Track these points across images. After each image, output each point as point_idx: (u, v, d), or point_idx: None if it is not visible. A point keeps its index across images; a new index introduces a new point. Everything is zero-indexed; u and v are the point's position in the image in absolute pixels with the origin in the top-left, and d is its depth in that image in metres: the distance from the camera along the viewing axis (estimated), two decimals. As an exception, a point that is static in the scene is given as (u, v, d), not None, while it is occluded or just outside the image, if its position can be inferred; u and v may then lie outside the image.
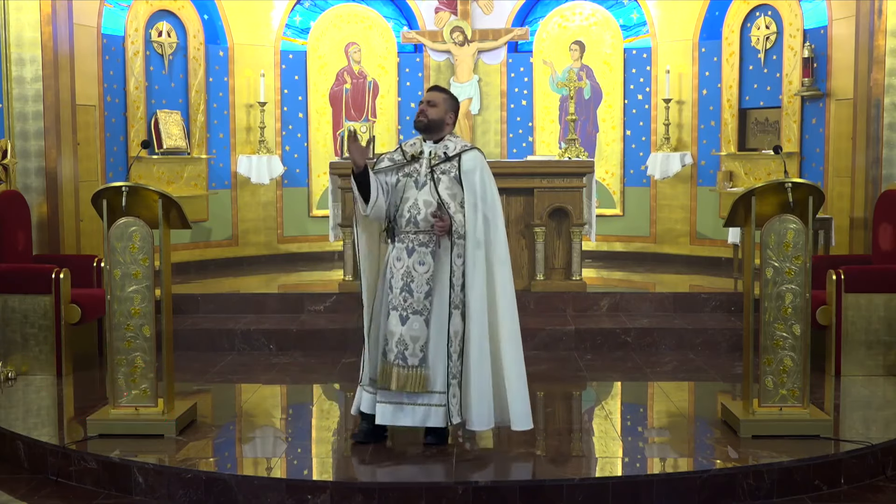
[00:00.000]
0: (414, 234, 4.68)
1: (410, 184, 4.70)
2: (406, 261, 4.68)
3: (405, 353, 4.65)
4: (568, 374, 6.46)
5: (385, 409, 4.69)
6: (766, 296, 4.89)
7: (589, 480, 4.33)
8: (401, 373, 4.64)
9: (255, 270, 9.55)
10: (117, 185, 4.90)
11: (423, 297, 4.66)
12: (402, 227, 4.68)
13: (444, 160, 4.71)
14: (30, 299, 6.42)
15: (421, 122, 4.75)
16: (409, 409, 4.68)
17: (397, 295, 4.67)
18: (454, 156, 4.71)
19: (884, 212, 6.83)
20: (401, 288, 4.67)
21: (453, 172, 4.70)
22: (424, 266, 4.67)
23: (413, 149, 4.77)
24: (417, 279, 4.66)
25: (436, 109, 4.74)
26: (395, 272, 4.69)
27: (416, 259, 4.67)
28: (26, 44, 7.43)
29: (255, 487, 4.32)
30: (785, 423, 4.86)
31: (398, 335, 4.66)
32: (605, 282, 8.67)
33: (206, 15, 9.65)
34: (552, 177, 7.89)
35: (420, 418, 4.69)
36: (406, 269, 4.67)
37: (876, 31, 7.43)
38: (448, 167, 4.70)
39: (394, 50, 10.32)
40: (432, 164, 4.71)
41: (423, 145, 4.77)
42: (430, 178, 4.69)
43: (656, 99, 9.94)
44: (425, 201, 4.66)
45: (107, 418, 4.96)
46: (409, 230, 4.68)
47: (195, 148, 9.57)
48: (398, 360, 4.65)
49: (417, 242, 4.68)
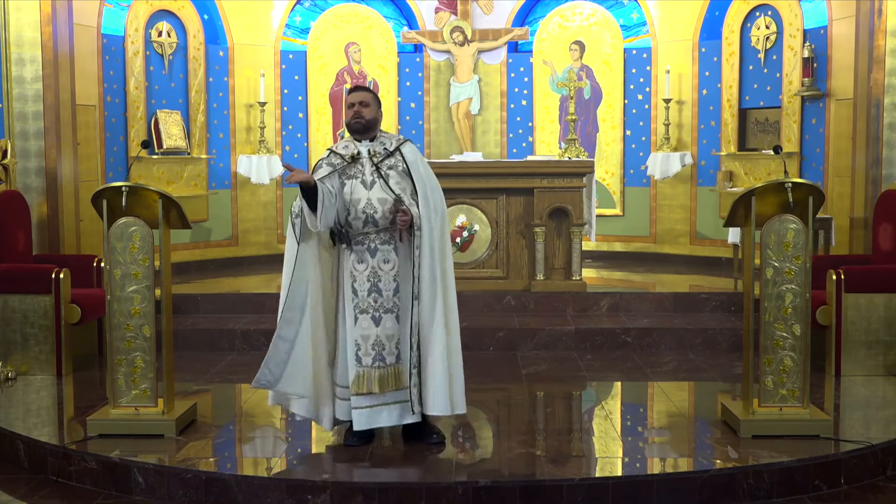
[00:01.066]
0: (375, 234, 4.67)
1: (357, 185, 4.66)
2: (370, 262, 4.67)
3: (383, 354, 4.67)
4: (568, 374, 6.46)
5: (362, 413, 4.68)
6: (766, 296, 4.89)
7: (589, 480, 4.34)
8: (379, 374, 4.66)
9: (255, 270, 9.56)
10: (117, 185, 4.90)
11: (391, 295, 4.68)
12: (360, 229, 4.66)
13: (386, 156, 4.73)
14: (30, 299, 6.43)
15: (359, 123, 4.75)
16: (387, 410, 4.69)
17: (365, 297, 4.67)
18: (394, 150, 4.75)
19: (884, 212, 6.83)
20: (368, 290, 4.67)
21: (400, 167, 4.73)
22: (390, 263, 4.68)
23: (348, 150, 4.74)
24: (384, 277, 4.67)
25: (369, 109, 4.78)
26: (358, 275, 4.68)
27: (381, 258, 4.68)
28: (26, 44, 7.43)
29: (255, 487, 4.32)
30: (785, 423, 4.86)
31: (373, 337, 4.66)
32: (605, 282, 8.67)
33: (206, 15, 9.66)
34: (552, 177, 7.89)
35: (397, 417, 4.71)
36: (371, 270, 4.67)
37: (876, 31, 7.43)
38: (393, 162, 4.73)
39: (394, 50, 10.32)
40: (376, 162, 4.70)
41: (357, 145, 4.76)
42: (377, 175, 4.68)
43: (656, 99, 9.94)
44: (380, 199, 4.65)
45: (107, 418, 4.96)
46: (369, 230, 4.66)
47: (195, 148, 9.57)
48: (377, 362, 4.66)
49: (379, 241, 4.67)
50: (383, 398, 4.68)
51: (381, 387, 4.65)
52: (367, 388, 4.65)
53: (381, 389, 4.65)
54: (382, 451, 4.72)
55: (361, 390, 4.66)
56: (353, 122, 4.76)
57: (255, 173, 9.75)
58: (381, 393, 4.66)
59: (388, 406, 4.69)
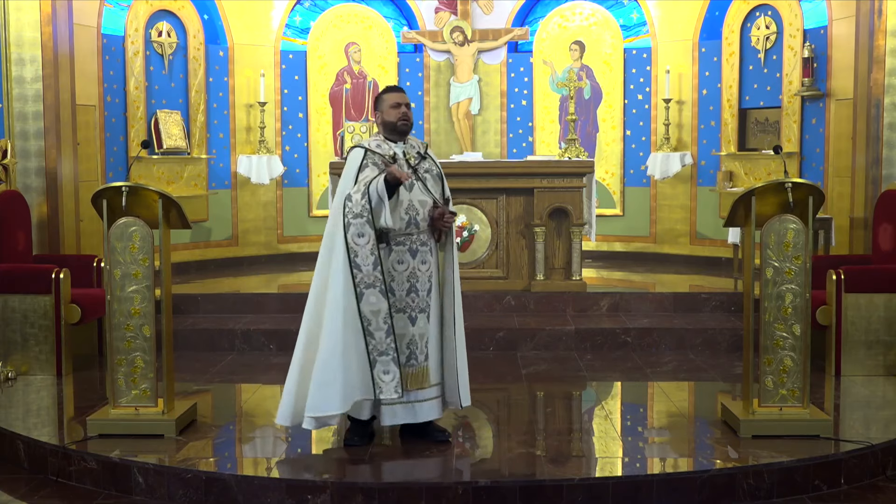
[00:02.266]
0: (416, 235, 4.69)
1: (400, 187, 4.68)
2: (410, 262, 4.70)
3: (416, 353, 4.72)
4: (568, 374, 6.46)
5: (395, 409, 4.71)
6: (766, 296, 4.89)
7: (589, 480, 4.34)
8: (411, 373, 4.71)
9: (255, 270, 9.55)
10: (117, 185, 4.90)
11: (426, 295, 4.74)
12: (403, 230, 4.67)
13: (421, 159, 4.76)
14: (30, 299, 6.43)
15: (407, 125, 4.77)
16: (414, 406, 4.74)
17: (403, 297, 4.70)
18: (424, 154, 4.81)
19: (884, 212, 6.83)
20: (407, 290, 4.70)
21: (435, 170, 4.80)
22: (426, 265, 4.73)
23: (382, 150, 4.72)
24: (421, 278, 4.72)
25: (412, 112, 4.85)
26: (398, 275, 4.69)
27: (420, 259, 4.71)
28: (26, 44, 7.43)
29: (255, 487, 4.32)
30: (785, 423, 4.86)
31: (409, 336, 4.71)
32: (605, 282, 8.67)
33: (206, 15, 9.66)
34: (552, 177, 7.89)
35: (424, 413, 4.76)
36: (411, 271, 4.70)
37: (876, 31, 7.43)
38: (428, 166, 4.78)
39: (394, 50, 10.32)
40: (413, 164, 4.71)
41: (391, 147, 4.74)
42: (415, 178, 4.70)
43: (656, 99, 9.95)
44: (420, 201, 4.68)
45: (107, 418, 4.96)
46: (411, 231, 4.68)
47: (195, 148, 9.57)
48: (411, 360, 4.71)
49: (419, 243, 4.71)
50: (414, 395, 4.72)
51: (412, 384, 4.70)
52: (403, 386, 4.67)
53: (412, 387, 4.70)
54: (382, 451, 4.72)
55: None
56: (401, 124, 4.75)
57: (255, 173, 9.75)
58: (413, 390, 4.71)
59: (418, 403, 4.74)
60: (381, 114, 4.79)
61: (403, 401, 4.71)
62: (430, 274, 4.74)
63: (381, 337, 4.56)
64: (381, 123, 4.81)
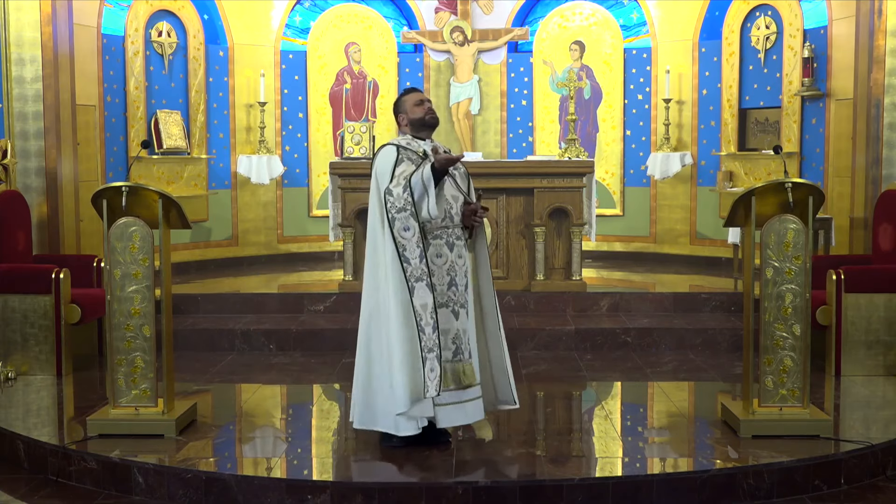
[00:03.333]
0: (451, 230, 4.70)
1: None
2: (448, 256, 4.69)
3: (461, 348, 4.67)
4: (568, 374, 6.46)
5: (448, 410, 4.64)
6: (766, 296, 4.89)
7: (589, 480, 4.33)
8: (459, 368, 4.67)
9: (255, 270, 9.56)
10: (117, 185, 4.90)
11: (464, 290, 4.72)
12: (439, 224, 4.66)
13: None
14: (30, 299, 6.43)
15: (435, 118, 4.84)
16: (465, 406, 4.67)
17: (444, 291, 4.66)
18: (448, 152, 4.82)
19: (884, 212, 6.83)
20: (447, 283, 4.67)
21: (462, 168, 4.87)
22: (462, 259, 4.73)
23: (415, 147, 4.77)
24: (459, 272, 4.71)
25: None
26: (437, 269, 4.65)
27: (457, 253, 4.71)
28: (26, 44, 7.43)
29: (255, 487, 4.32)
30: (785, 423, 4.86)
31: (454, 331, 4.67)
32: (605, 282, 8.67)
33: (206, 15, 9.66)
34: (552, 177, 7.89)
35: (472, 413, 4.70)
36: (450, 265, 4.69)
37: (876, 31, 7.43)
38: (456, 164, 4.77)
39: (394, 50, 10.32)
40: None
41: (420, 144, 4.78)
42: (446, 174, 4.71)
43: (656, 99, 9.95)
44: (453, 196, 4.71)
45: (107, 418, 4.96)
46: (448, 225, 4.68)
47: (195, 148, 9.57)
48: (458, 356, 4.66)
49: (455, 237, 4.71)
50: (464, 394, 4.66)
51: (461, 381, 4.65)
52: (451, 384, 4.61)
53: (460, 384, 4.65)
54: (382, 452, 4.71)
55: (446, 386, 4.60)
56: (429, 118, 4.80)
57: (255, 173, 9.75)
58: (461, 389, 4.65)
59: (469, 402, 4.68)
60: (406, 115, 4.83)
61: (455, 401, 4.64)
62: (466, 269, 4.74)
63: (429, 332, 4.53)
64: (408, 124, 4.83)
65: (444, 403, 4.63)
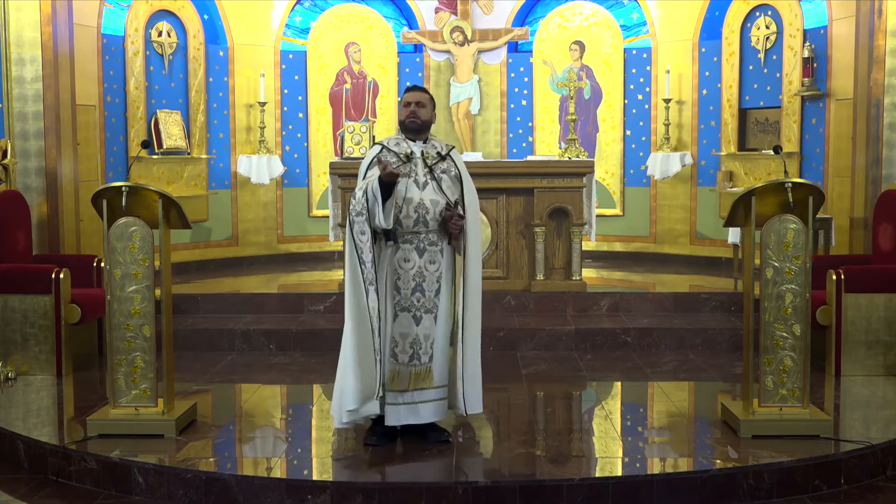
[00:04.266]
0: (424, 234, 4.69)
1: (411, 184, 4.67)
2: (417, 261, 4.69)
3: (419, 353, 4.70)
4: (568, 374, 6.46)
5: (397, 410, 4.71)
6: (766, 296, 4.89)
7: (589, 480, 4.33)
8: (413, 372, 4.70)
9: (255, 270, 9.56)
10: (117, 185, 4.90)
11: (433, 296, 4.72)
12: (410, 228, 4.67)
13: (439, 159, 4.75)
14: (30, 299, 6.42)
15: (415, 123, 4.77)
16: (418, 407, 4.73)
17: (408, 296, 4.69)
18: (445, 155, 4.79)
19: (884, 212, 6.83)
20: (412, 289, 4.69)
21: (453, 171, 4.78)
22: (435, 265, 4.72)
23: (400, 149, 4.75)
24: (429, 278, 4.70)
25: (425, 110, 4.80)
26: (404, 273, 4.69)
27: (427, 258, 4.71)
28: (26, 44, 7.43)
29: (255, 487, 4.32)
30: (785, 423, 4.86)
31: (412, 336, 4.70)
32: (605, 282, 8.67)
33: (206, 15, 9.66)
34: (552, 177, 7.89)
35: (428, 414, 4.76)
36: (417, 269, 4.69)
37: (876, 31, 7.43)
38: (446, 167, 4.77)
39: (394, 50, 10.32)
40: (430, 164, 4.71)
41: (410, 145, 4.77)
42: (430, 177, 4.70)
43: (656, 99, 9.95)
44: (432, 200, 4.68)
45: (107, 418, 4.96)
46: (419, 230, 4.68)
47: (195, 148, 9.57)
48: (413, 360, 4.70)
49: (427, 242, 4.70)
50: (418, 395, 4.72)
51: (415, 384, 4.70)
52: (403, 385, 4.68)
53: (415, 387, 4.70)
54: (382, 451, 4.71)
55: (396, 387, 4.69)
56: (409, 122, 4.76)
57: (255, 173, 9.75)
58: (416, 390, 4.71)
59: (422, 404, 4.73)
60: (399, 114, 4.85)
61: (407, 401, 4.71)
62: (439, 275, 4.72)
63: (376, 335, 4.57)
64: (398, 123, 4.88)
65: (395, 403, 4.69)
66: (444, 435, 4.83)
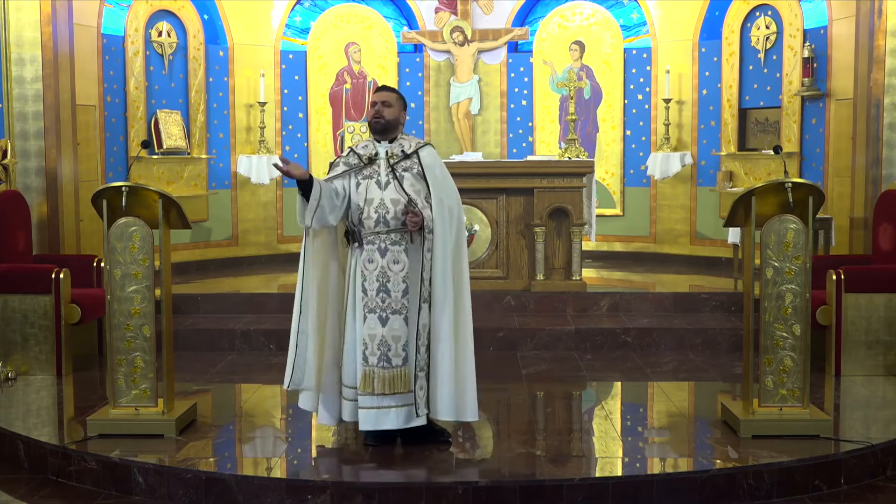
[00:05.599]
0: (385, 234, 4.67)
1: (372, 185, 4.67)
2: (380, 261, 4.67)
3: (388, 355, 4.65)
4: (568, 374, 6.46)
5: (368, 414, 4.67)
6: (766, 296, 4.89)
7: (589, 480, 4.33)
8: (385, 374, 4.64)
9: (255, 270, 9.56)
10: (117, 185, 4.90)
11: (400, 296, 4.67)
12: (371, 229, 4.66)
13: (402, 158, 4.73)
14: (30, 299, 6.42)
15: (378, 123, 4.75)
16: (394, 412, 4.66)
17: (373, 297, 4.67)
18: (412, 153, 4.75)
19: (884, 212, 6.83)
20: (377, 289, 4.67)
21: (416, 169, 4.72)
22: (399, 264, 4.68)
23: (367, 150, 4.76)
24: (393, 278, 4.67)
25: (391, 110, 4.77)
26: (368, 274, 4.67)
27: (391, 258, 4.67)
28: (26, 44, 7.43)
29: (255, 487, 4.32)
30: (785, 423, 4.86)
31: (379, 337, 4.66)
32: (605, 282, 8.67)
33: (206, 15, 9.66)
34: (552, 177, 7.89)
35: (403, 419, 4.68)
36: (381, 270, 4.67)
37: (876, 31, 7.43)
38: (409, 164, 4.73)
39: (394, 50, 10.32)
40: (392, 164, 4.71)
41: (376, 146, 4.76)
42: (392, 176, 4.69)
43: (656, 99, 9.95)
44: (392, 200, 4.65)
45: (107, 418, 4.96)
46: (380, 230, 4.66)
47: (195, 148, 9.57)
48: (382, 362, 4.65)
49: (390, 241, 4.67)
50: (390, 400, 4.66)
51: (386, 388, 4.64)
52: (373, 388, 4.65)
53: (386, 390, 4.65)
54: (382, 451, 4.71)
55: (367, 389, 4.66)
56: (373, 122, 4.76)
57: (255, 173, 9.75)
58: (388, 394, 4.66)
59: (395, 408, 4.67)
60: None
61: (378, 405, 4.64)
62: (405, 275, 4.67)
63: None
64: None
65: (367, 407, 4.66)
66: (444, 435, 4.82)
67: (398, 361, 4.66)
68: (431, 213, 4.61)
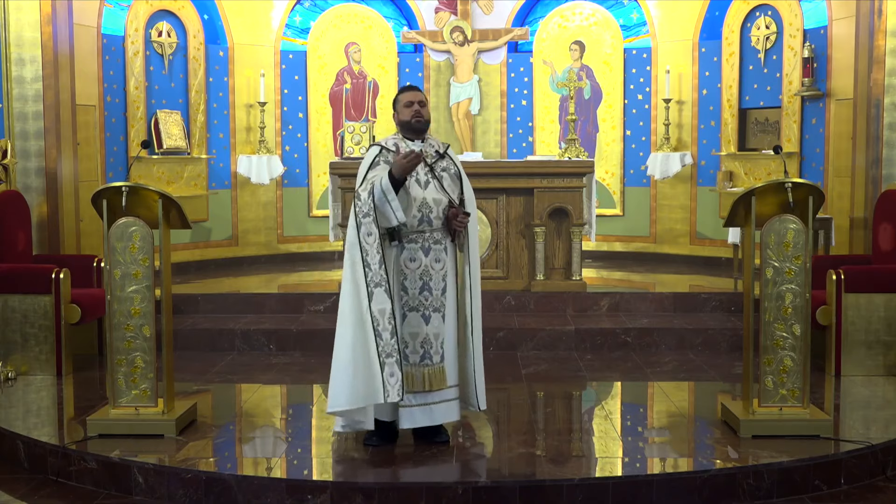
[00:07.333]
0: (429, 233, 4.69)
1: (412, 183, 4.66)
2: (423, 260, 4.69)
3: (430, 352, 4.68)
4: (568, 374, 6.46)
5: (413, 412, 4.69)
6: (766, 296, 4.89)
7: (589, 480, 4.34)
8: (427, 372, 4.68)
9: (255, 270, 9.56)
10: (117, 185, 4.90)
11: (440, 294, 4.71)
12: (415, 227, 4.66)
13: (438, 158, 4.75)
14: (30, 299, 6.43)
15: (420, 122, 4.75)
16: (432, 408, 4.72)
17: (416, 295, 4.68)
18: (444, 153, 4.80)
19: (884, 212, 6.83)
20: (420, 288, 4.68)
21: (452, 169, 4.79)
22: (440, 263, 4.71)
23: (399, 148, 4.74)
24: (435, 277, 4.70)
25: (426, 109, 4.81)
26: (410, 273, 4.68)
27: (433, 257, 4.70)
28: (26, 44, 7.43)
29: (255, 487, 4.32)
30: (785, 423, 4.86)
31: (423, 335, 4.68)
32: (605, 282, 8.67)
33: (206, 15, 9.66)
34: (552, 177, 7.89)
35: (441, 415, 4.75)
36: (424, 269, 4.69)
37: (876, 31, 7.43)
38: (446, 165, 4.77)
39: (394, 50, 10.32)
40: (430, 163, 4.71)
41: (408, 144, 4.75)
42: (431, 176, 4.70)
43: (656, 99, 9.95)
44: (434, 199, 4.68)
45: (107, 418, 4.96)
46: (424, 229, 4.68)
47: (195, 148, 9.57)
48: (425, 360, 4.68)
49: (432, 241, 4.70)
50: (431, 396, 4.70)
51: (429, 385, 4.68)
52: (417, 387, 4.66)
53: (429, 388, 4.68)
54: (382, 452, 4.72)
55: (410, 388, 4.65)
56: (415, 122, 4.74)
57: (255, 173, 9.75)
58: (430, 391, 4.68)
59: (435, 405, 4.72)
60: (398, 114, 4.83)
61: (421, 403, 4.68)
62: (444, 273, 4.72)
63: (387, 338, 4.54)
64: (397, 123, 4.84)
65: (409, 405, 4.67)
66: (444, 435, 4.83)
67: (437, 359, 4.70)
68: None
